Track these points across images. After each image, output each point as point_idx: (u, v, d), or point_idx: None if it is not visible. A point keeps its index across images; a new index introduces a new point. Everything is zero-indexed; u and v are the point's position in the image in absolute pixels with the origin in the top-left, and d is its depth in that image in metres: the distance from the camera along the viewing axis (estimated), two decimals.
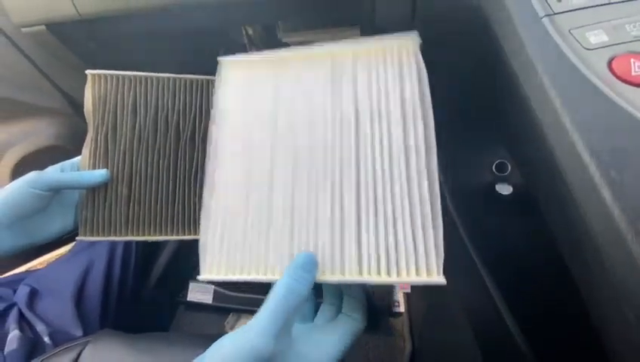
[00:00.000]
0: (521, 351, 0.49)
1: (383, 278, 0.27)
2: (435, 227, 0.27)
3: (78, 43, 0.49)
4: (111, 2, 0.41)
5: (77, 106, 0.66)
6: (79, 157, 0.40)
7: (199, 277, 0.30)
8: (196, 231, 0.40)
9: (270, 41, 0.70)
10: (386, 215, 0.28)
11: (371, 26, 0.37)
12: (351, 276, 0.27)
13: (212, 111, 0.32)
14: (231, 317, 0.79)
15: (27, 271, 0.64)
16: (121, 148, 0.39)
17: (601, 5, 0.28)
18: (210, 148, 0.32)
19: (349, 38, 0.32)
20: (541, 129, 0.27)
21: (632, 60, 0.25)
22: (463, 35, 0.35)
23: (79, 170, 0.39)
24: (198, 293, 0.82)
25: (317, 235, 0.28)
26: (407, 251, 0.27)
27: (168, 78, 0.40)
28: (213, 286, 0.81)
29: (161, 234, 0.40)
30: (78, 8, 0.41)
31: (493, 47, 0.32)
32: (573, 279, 0.28)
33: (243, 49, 0.74)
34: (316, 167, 0.29)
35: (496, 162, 0.62)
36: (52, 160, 0.68)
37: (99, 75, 0.39)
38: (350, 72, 0.30)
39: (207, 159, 0.32)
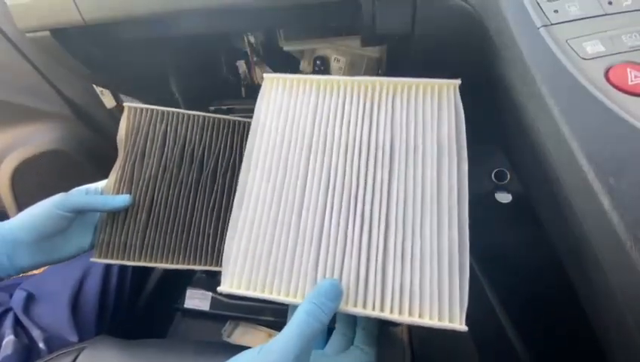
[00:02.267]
0: (521, 360, 0.48)
1: (404, 317, 0.27)
2: (461, 275, 0.27)
3: (81, 49, 0.49)
4: (115, 9, 0.41)
5: (78, 110, 0.66)
6: (103, 182, 0.42)
7: (219, 289, 0.30)
8: (207, 261, 0.41)
9: (271, 49, 0.71)
10: (414, 254, 0.27)
11: (372, 36, 0.38)
12: (373, 311, 0.27)
13: (252, 124, 0.32)
14: (228, 325, 0.78)
15: (24, 276, 0.64)
16: (147, 176, 0.41)
17: (597, 16, 0.28)
18: (245, 160, 0.32)
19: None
20: (539, 137, 0.27)
21: (628, 70, 0.25)
22: (462, 45, 0.36)
23: (102, 193, 0.41)
24: (195, 300, 0.81)
25: (343, 263, 0.28)
26: (431, 295, 0.26)
27: (198, 116, 0.42)
28: (210, 294, 0.80)
29: (172, 263, 0.41)
30: (83, 15, 0.42)
31: (492, 56, 0.32)
32: (572, 286, 0.28)
33: (244, 56, 0.75)
34: (348, 194, 0.29)
35: (496, 170, 0.62)
36: (52, 164, 0.68)
37: (135, 108, 0.41)
38: (390, 104, 0.31)
39: (241, 170, 0.32)
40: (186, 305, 0.81)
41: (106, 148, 0.71)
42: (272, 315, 0.77)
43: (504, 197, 0.61)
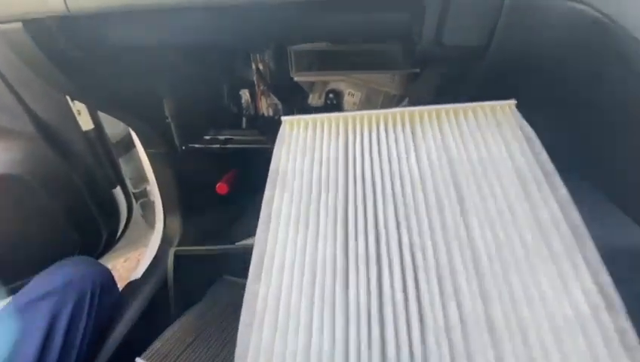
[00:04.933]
0: None
1: None
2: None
3: (58, 48, 0.41)
4: None
5: (46, 130, 0.56)
6: None
7: None
8: None
9: (280, 78, 0.65)
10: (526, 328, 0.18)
11: (430, 50, 0.31)
12: None
13: (270, 173, 0.28)
14: None
15: None
16: None
17: None
18: (263, 212, 0.26)
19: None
20: None
21: None
22: (563, 58, 0.29)
23: None
24: None
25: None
26: None
27: None
28: None
29: None
30: (67, 3, 0.34)
31: (620, 76, 0.26)
32: None
33: (249, 84, 0.69)
34: (411, 256, 0.21)
35: None
36: (4, 191, 0.55)
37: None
38: (437, 134, 0.26)
39: (258, 229, 0.25)
40: None
41: (73, 177, 0.60)
42: None
43: None
